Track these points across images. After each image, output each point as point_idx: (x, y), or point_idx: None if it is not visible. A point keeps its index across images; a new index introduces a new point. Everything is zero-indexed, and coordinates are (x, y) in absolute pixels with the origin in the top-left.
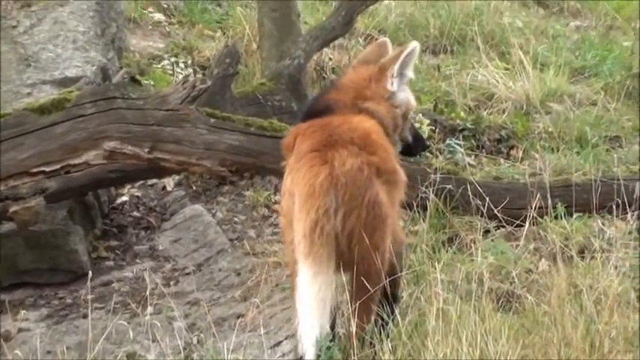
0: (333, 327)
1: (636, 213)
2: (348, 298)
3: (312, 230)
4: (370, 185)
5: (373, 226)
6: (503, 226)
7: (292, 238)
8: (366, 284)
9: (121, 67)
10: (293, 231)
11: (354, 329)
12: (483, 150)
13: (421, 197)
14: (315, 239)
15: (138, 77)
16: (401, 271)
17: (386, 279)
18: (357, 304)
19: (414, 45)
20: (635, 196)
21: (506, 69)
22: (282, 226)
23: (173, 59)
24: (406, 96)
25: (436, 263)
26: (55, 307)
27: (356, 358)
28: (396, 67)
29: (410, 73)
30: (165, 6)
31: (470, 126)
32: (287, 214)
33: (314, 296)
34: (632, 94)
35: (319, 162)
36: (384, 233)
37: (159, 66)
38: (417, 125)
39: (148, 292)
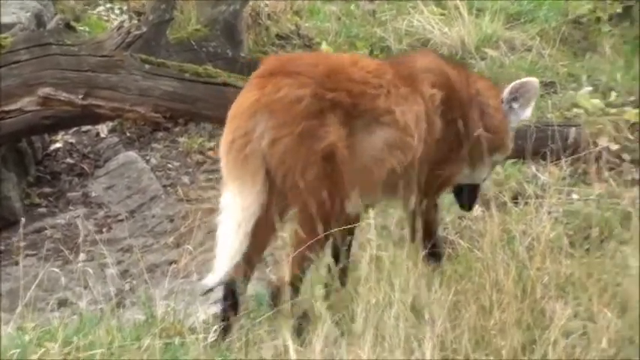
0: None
1: (570, 159)
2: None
3: (228, 151)
4: (311, 118)
5: (317, 168)
6: None
7: None
8: (300, 230)
9: (56, 14)
10: None
11: (287, 275)
12: None
13: None
14: (229, 160)
15: (73, 23)
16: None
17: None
18: (295, 250)
19: (530, 81)
20: (569, 142)
21: (442, 14)
22: None
23: (108, 5)
24: (509, 130)
25: (369, 209)
26: None
27: (288, 304)
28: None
29: (520, 110)
30: None
31: None
32: None
33: (228, 220)
34: (568, 39)
35: (255, 88)
36: (337, 182)
37: (94, 12)
38: None
39: (80, 239)
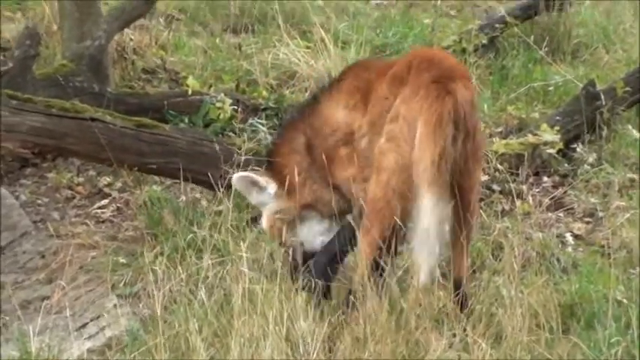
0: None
1: None
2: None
3: (441, 158)
4: (478, 116)
5: (478, 156)
6: None
7: (403, 165)
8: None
9: None
10: (406, 157)
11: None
12: None
13: (225, 177)
14: (442, 167)
15: None
16: None
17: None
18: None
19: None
20: None
21: (308, 47)
22: (399, 154)
23: None
24: None
25: (241, 242)
26: None
27: (161, 339)
28: None
29: None
30: None
31: (272, 105)
32: (408, 141)
33: (436, 223)
34: None
35: (444, 93)
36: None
37: None
38: (219, 105)
39: None
